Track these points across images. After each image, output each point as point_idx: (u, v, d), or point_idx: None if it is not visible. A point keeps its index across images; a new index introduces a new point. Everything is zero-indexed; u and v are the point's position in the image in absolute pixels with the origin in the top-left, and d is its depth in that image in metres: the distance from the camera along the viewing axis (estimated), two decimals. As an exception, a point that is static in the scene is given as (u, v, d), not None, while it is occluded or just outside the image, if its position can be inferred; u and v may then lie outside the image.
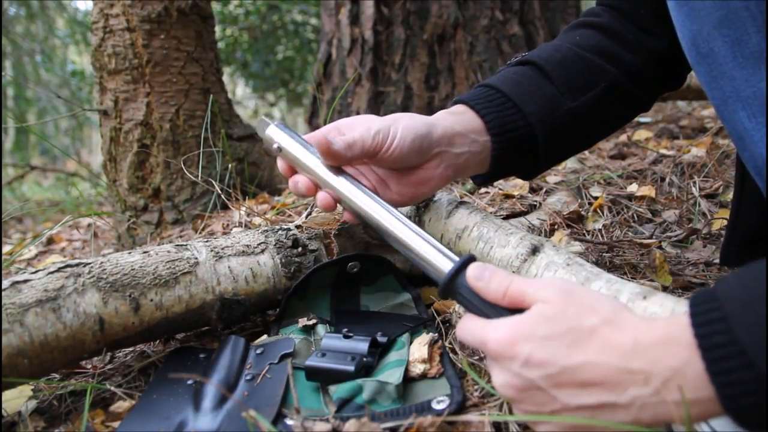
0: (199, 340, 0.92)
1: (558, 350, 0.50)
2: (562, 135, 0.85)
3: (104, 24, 1.58)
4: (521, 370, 0.51)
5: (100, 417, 0.75)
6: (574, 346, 0.50)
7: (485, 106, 0.82)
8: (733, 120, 0.62)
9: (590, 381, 0.49)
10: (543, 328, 0.51)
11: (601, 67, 0.85)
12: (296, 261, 0.91)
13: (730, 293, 0.46)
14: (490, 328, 0.55)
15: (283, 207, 1.42)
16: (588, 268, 0.70)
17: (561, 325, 0.51)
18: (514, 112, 0.82)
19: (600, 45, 0.86)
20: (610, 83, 0.85)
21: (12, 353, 0.70)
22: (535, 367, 0.51)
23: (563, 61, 0.85)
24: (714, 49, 0.63)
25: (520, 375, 0.52)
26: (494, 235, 0.81)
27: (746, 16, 0.60)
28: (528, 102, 0.82)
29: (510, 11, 2.50)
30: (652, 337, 0.48)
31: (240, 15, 4.73)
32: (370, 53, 2.52)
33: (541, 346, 0.51)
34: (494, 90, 0.83)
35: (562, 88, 0.83)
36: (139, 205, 1.64)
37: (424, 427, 0.62)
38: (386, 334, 0.81)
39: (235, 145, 1.76)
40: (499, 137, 0.82)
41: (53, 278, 0.76)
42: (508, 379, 0.53)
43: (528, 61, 0.87)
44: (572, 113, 0.83)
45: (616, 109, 0.89)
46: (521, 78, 0.84)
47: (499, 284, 0.57)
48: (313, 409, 0.70)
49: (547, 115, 0.82)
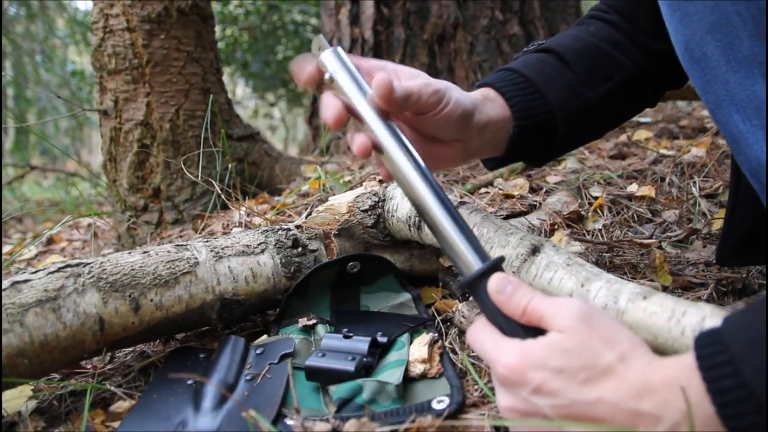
0: (199, 340, 0.92)
1: (570, 384, 0.50)
2: (579, 124, 0.84)
3: (104, 24, 1.58)
4: (530, 396, 0.51)
5: (100, 417, 0.75)
6: (587, 382, 0.50)
7: (511, 90, 0.81)
8: (727, 123, 0.62)
9: (600, 418, 0.49)
10: (557, 359, 0.51)
11: (618, 58, 0.85)
12: (296, 261, 0.91)
13: (735, 334, 0.46)
14: (503, 350, 0.54)
15: (283, 207, 1.42)
16: (588, 268, 0.70)
17: (576, 360, 0.51)
18: (537, 97, 0.81)
19: (614, 38, 0.86)
20: (625, 76, 0.85)
21: (12, 353, 0.70)
22: (545, 395, 0.51)
23: (583, 50, 0.85)
24: (707, 53, 0.63)
25: (528, 401, 0.52)
26: (494, 235, 0.81)
27: (737, 21, 0.60)
28: (551, 89, 0.81)
29: (510, 11, 2.50)
30: (661, 378, 0.48)
31: (240, 15, 4.73)
32: (370, 53, 2.52)
33: (554, 378, 0.50)
34: (518, 74, 0.83)
35: (581, 77, 0.83)
36: (139, 205, 1.64)
37: (424, 427, 0.62)
38: (386, 334, 0.81)
39: (235, 145, 1.76)
40: (522, 122, 0.81)
41: (53, 278, 0.76)
42: (513, 402, 0.53)
43: (548, 48, 0.86)
44: (590, 103, 0.83)
45: (628, 103, 0.89)
46: (543, 64, 0.84)
47: (520, 301, 0.56)
48: (313, 409, 0.70)
49: (568, 103, 0.82)
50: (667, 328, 0.59)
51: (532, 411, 0.52)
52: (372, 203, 0.96)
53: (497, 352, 0.55)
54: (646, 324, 0.61)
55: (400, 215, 0.93)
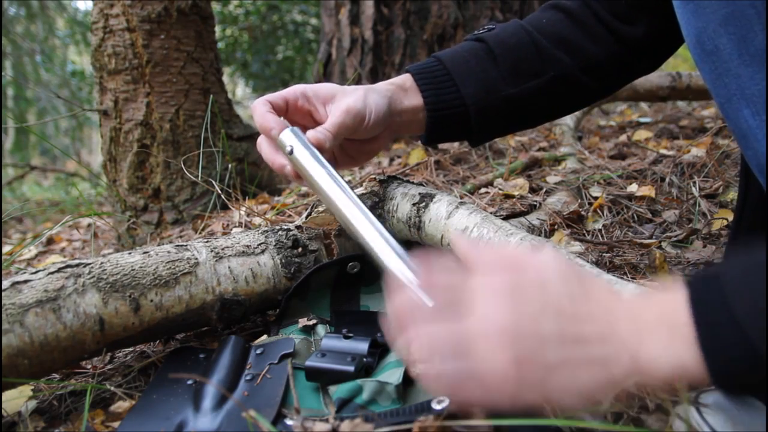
0: (199, 340, 0.92)
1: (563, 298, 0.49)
2: (497, 118, 0.91)
3: (104, 24, 1.58)
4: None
5: (100, 417, 0.75)
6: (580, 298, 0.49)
7: (427, 81, 0.89)
8: (736, 118, 0.62)
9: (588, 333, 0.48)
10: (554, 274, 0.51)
11: (554, 56, 0.88)
12: (296, 261, 0.91)
13: (729, 271, 0.46)
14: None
15: (283, 207, 1.42)
16: (588, 269, 0.70)
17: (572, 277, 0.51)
18: (452, 91, 0.88)
19: (562, 33, 0.89)
20: (559, 73, 0.89)
21: (12, 353, 0.70)
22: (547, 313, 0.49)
23: (516, 46, 0.89)
24: (719, 46, 0.63)
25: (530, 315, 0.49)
26: (494, 235, 0.81)
27: (752, 14, 0.60)
28: (467, 83, 0.88)
29: (510, 11, 2.50)
30: (650, 314, 0.48)
31: (240, 15, 4.73)
32: (370, 53, 2.52)
33: (550, 290, 0.50)
34: (441, 65, 0.90)
35: (504, 73, 0.88)
36: (139, 205, 1.64)
37: (424, 428, 0.61)
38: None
39: (235, 145, 1.76)
40: (433, 113, 0.88)
41: (53, 278, 0.76)
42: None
43: (483, 39, 0.91)
44: (510, 99, 0.89)
45: (562, 98, 0.93)
46: (469, 56, 0.90)
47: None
48: (313, 409, 0.70)
49: (483, 98, 0.88)
50: (667, 328, 0.59)
51: (534, 334, 0.48)
52: (372, 203, 0.96)
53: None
54: (646, 324, 0.61)
55: (400, 215, 0.93)
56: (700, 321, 0.45)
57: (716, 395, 0.61)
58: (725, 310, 0.44)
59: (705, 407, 0.59)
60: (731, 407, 0.59)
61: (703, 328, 0.44)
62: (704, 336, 0.44)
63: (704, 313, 0.45)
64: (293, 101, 0.86)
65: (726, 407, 0.59)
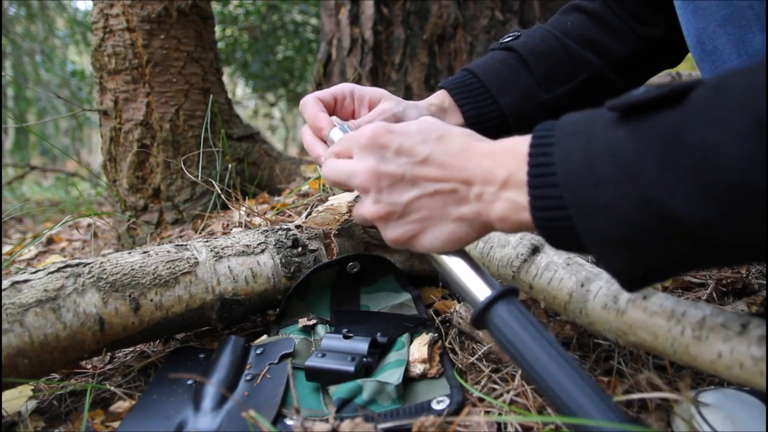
0: (199, 340, 0.92)
1: (427, 141, 0.58)
2: (535, 123, 0.91)
3: (104, 24, 1.58)
4: (393, 157, 0.59)
5: (100, 417, 0.75)
6: (442, 139, 0.59)
7: (464, 96, 0.90)
8: None
9: (449, 166, 0.57)
10: (415, 126, 0.60)
11: (584, 58, 0.89)
12: (296, 261, 0.91)
13: (565, 125, 0.51)
14: (364, 127, 0.62)
15: (283, 207, 1.42)
16: (588, 268, 0.70)
17: (431, 127, 0.60)
18: (490, 102, 0.89)
19: (587, 33, 0.90)
20: (590, 74, 0.90)
21: (12, 353, 0.70)
22: (406, 154, 0.59)
23: (546, 52, 0.90)
24: (719, 46, 0.63)
25: (390, 161, 0.59)
26: (494, 235, 0.81)
27: (751, 15, 0.60)
28: (504, 94, 0.89)
29: (510, 11, 2.50)
30: (501, 146, 0.56)
31: (240, 15, 4.72)
32: (370, 53, 2.52)
33: (412, 137, 0.59)
34: (475, 78, 0.90)
35: (539, 80, 0.89)
36: (139, 205, 1.64)
37: (424, 428, 0.61)
38: (386, 334, 0.81)
39: (235, 145, 1.76)
40: (474, 126, 0.88)
41: (53, 278, 0.76)
42: (373, 165, 0.59)
43: (513, 48, 0.91)
44: (546, 104, 0.89)
45: (594, 98, 0.93)
46: (502, 67, 0.90)
47: None
48: (313, 409, 0.70)
49: (521, 106, 0.89)
50: (667, 327, 0.59)
51: (393, 174, 0.59)
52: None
53: (358, 132, 0.63)
54: (646, 324, 0.61)
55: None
56: (533, 163, 0.51)
57: (716, 395, 0.61)
58: (551, 164, 0.50)
59: (705, 406, 0.59)
60: (731, 407, 0.59)
61: (533, 179, 0.51)
62: (533, 185, 0.51)
63: (537, 155, 0.51)
64: (341, 99, 0.86)
65: (726, 407, 0.59)
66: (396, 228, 0.61)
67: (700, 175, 0.41)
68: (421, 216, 0.59)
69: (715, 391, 0.62)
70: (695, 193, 0.42)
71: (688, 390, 0.62)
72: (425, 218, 0.59)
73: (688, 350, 0.56)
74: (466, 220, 0.57)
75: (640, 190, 0.44)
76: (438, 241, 0.60)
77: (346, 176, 0.63)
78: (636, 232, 0.46)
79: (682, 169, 0.42)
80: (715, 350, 0.54)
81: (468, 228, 0.58)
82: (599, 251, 0.49)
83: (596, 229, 0.47)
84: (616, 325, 0.64)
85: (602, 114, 0.49)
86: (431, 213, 0.59)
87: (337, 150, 0.67)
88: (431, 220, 0.59)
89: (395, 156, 0.59)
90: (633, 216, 0.45)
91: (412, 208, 0.59)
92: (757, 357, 0.50)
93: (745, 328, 0.52)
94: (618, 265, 0.49)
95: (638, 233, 0.46)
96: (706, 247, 0.44)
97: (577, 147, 0.48)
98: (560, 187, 0.49)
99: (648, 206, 0.44)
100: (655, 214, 0.44)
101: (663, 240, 0.45)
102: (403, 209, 0.59)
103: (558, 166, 0.49)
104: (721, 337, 0.53)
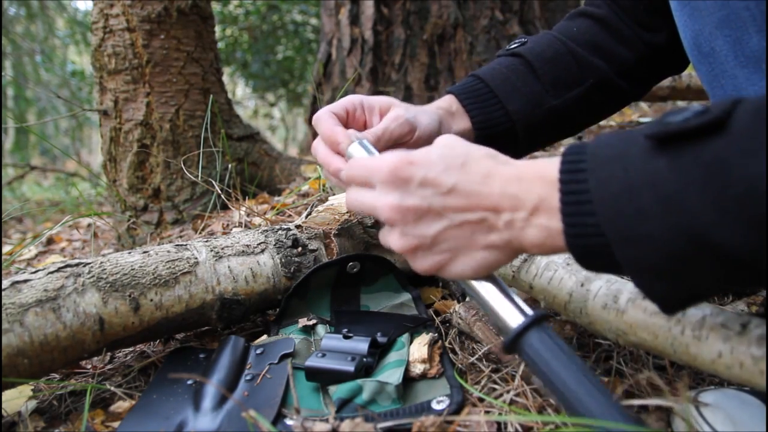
0: (199, 340, 0.92)
1: (451, 169, 0.57)
2: (543, 129, 0.91)
3: (104, 24, 1.58)
4: (417, 189, 0.58)
5: (100, 417, 0.75)
6: (464, 167, 0.57)
7: (472, 102, 0.89)
8: None
9: (475, 195, 0.56)
10: (437, 152, 0.59)
11: (591, 63, 0.89)
12: (296, 261, 0.91)
13: (597, 150, 0.51)
14: (382, 159, 0.61)
15: (283, 207, 1.42)
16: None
17: (454, 153, 0.58)
18: (498, 108, 0.88)
19: (594, 39, 0.90)
20: (597, 79, 0.89)
21: (12, 353, 0.70)
22: (431, 185, 0.57)
23: (553, 58, 0.89)
24: (715, 48, 0.63)
25: (415, 194, 0.58)
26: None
27: (747, 17, 0.60)
28: (512, 100, 0.88)
29: (510, 11, 2.50)
30: (528, 170, 0.55)
31: (240, 15, 4.72)
32: (370, 53, 2.52)
33: (436, 166, 0.57)
34: (483, 84, 0.89)
35: (547, 86, 0.88)
36: (139, 205, 1.64)
37: (424, 428, 0.61)
38: (386, 334, 0.81)
39: (235, 145, 1.76)
40: (482, 132, 0.88)
41: (53, 278, 0.76)
42: (397, 200, 0.58)
43: (520, 54, 0.91)
44: (554, 110, 0.89)
45: (602, 103, 0.94)
46: (510, 73, 0.90)
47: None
48: (313, 409, 0.70)
49: (529, 113, 0.88)
50: (667, 327, 0.59)
51: (419, 206, 0.57)
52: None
53: (376, 161, 0.61)
54: (646, 324, 0.61)
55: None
56: (566, 191, 0.50)
57: (716, 395, 0.61)
58: (586, 191, 0.49)
59: (705, 406, 0.59)
60: (731, 407, 0.59)
61: (566, 207, 0.50)
62: (567, 213, 0.50)
63: (569, 182, 0.50)
64: (352, 112, 0.86)
65: (726, 407, 0.59)
66: (425, 259, 0.60)
67: (747, 206, 0.41)
68: (449, 246, 0.58)
69: (715, 391, 0.62)
70: (742, 224, 0.41)
71: (687, 390, 0.62)
72: (454, 248, 0.58)
73: (688, 350, 0.56)
74: (496, 247, 0.57)
75: (684, 221, 0.44)
76: (468, 269, 0.59)
77: (370, 209, 0.62)
78: (679, 262, 0.45)
79: (727, 200, 0.42)
80: (715, 350, 0.54)
81: (498, 254, 0.57)
82: (640, 279, 0.48)
83: (638, 259, 0.47)
84: (616, 325, 0.64)
85: (637, 139, 0.48)
86: (460, 243, 0.58)
87: (354, 176, 0.65)
88: (460, 249, 0.58)
89: (419, 188, 0.58)
90: (676, 247, 0.45)
91: (440, 240, 0.58)
92: (757, 357, 0.50)
93: (745, 328, 0.52)
94: (659, 292, 0.48)
95: (681, 263, 0.45)
96: (751, 274, 0.44)
97: (614, 176, 0.47)
98: (597, 216, 0.48)
99: (692, 238, 0.44)
100: (700, 245, 0.43)
101: (709, 269, 0.45)
102: (432, 241, 0.58)
103: (594, 194, 0.48)
104: (721, 336, 0.54)
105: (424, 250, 0.59)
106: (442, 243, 0.58)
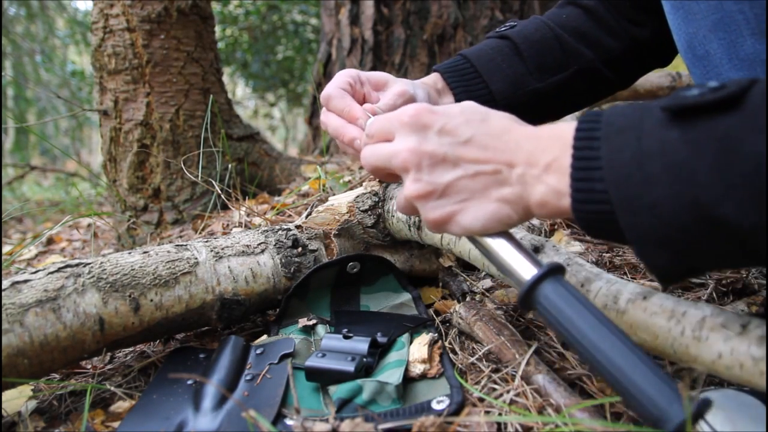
0: (199, 340, 0.92)
1: (471, 122, 0.59)
2: (525, 110, 0.91)
3: (104, 24, 1.58)
4: (436, 136, 0.59)
5: (100, 417, 0.75)
6: (483, 122, 0.59)
7: (456, 79, 0.91)
8: None
9: (491, 148, 0.57)
10: (457, 108, 0.60)
11: (577, 50, 0.91)
12: (296, 261, 0.91)
13: (612, 118, 0.51)
14: (402, 109, 0.62)
15: (283, 207, 1.42)
16: (588, 268, 0.70)
17: (474, 110, 0.60)
18: (481, 87, 0.90)
19: (582, 28, 0.92)
20: (582, 66, 0.91)
21: (12, 353, 0.70)
22: (449, 134, 0.58)
23: (539, 42, 0.91)
24: (710, 51, 0.64)
25: (433, 140, 0.59)
26: (494, 235, 0.81)
27: (741, 20, 0.61)
28: (495, 79, 0.90)
29: (510, 11, 2.50)
30: (546, 131, 0.56)
31: (240, 15, 4.72)
32: (370, 53, 2.52)
33: (455, 118, 0.59)
34: (468, 63, 0.91)
35: (531, 68, 0.90)
36: (139, 205, 1.64)
37: (424, 428, 0.61)
38: (386, 334, 0.81)
39: (235, 145, 1.76)
40: None
41: (53, 278, 0.76)
42: (415, 144, 0.59)
43: (508, 36, 0.93)
44: (537, 92, 0.91)
45: (585, 90, 0.95)
46: (495, 54, 0.92)
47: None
48: (313, 409, 0.70)
49: (511, 93, 0.90)
50: (667, 328, 0.59)
51: (436, 153, 0.58)
52: (372, 203, 0.96)
53: (399, 111, 0.62)
54: (646, 324, 0.61)
55: (400, 215, 0.93)
56: (578, 156, 0.51)
57: (716, 395, 0.61)
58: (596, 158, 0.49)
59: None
60: (731, 407, 0.59)
61: (576, 172, 0.50)
62: (576, 177, 0.50)
63: (582, 148, 0.51)
64: (353, 86, 0.86)
65: (726, 407, 0.59)
66: (436, 208, 0.60)
67: (754, 184, 0.41)
68: (461, 197, 0.58)
69: (715, 391, 0.62)
70: (748, 200, 0.42)
71: (687, 390, 0.62)
72: (466, 199, 0.58)
73: (688, 350, 0.56)
74: (508, 201, 0.57)
75: (691, 192, 0.44)
76: (478, 222, 0.59)
77: (386, 157, 0.62)
78: (682, 233, 0.46)
79: (736, 176, 0.42)
80: (715, 350, 0.54)
81: (510, 210, 0.57)
82: (642, 248, 0.49)
83: (642, 227, 0.47)
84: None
85: (652, 111, 0.49)
86: (472, 194, 0.58)
87: (374, 131, 0.66)
88: (472, 201, 0.58)
89: (438, 136, 0.59)
90: (681, 218, 0.45)
91: (452, 189, 0.59)
92: (757, 357, 0.50)
93: (745, 328, 0.52)
94: (660, 262, 0.49)
95: (685, 235, 0.46)
96: (751, 251, 0.45)
97: (626, 144, 0.48)
98: (606, 182, 0.48)
99: (698, 209, 0.44)
100: (705, 217, 0.44)
101: (709, 242, 0.45)
102: (444, 189, 0.59)
103: (604, 161, 0.49)
104: (721, 337, 0.53)
105: (435, 198, 0.59)
106: (454, 192, 0.59)
